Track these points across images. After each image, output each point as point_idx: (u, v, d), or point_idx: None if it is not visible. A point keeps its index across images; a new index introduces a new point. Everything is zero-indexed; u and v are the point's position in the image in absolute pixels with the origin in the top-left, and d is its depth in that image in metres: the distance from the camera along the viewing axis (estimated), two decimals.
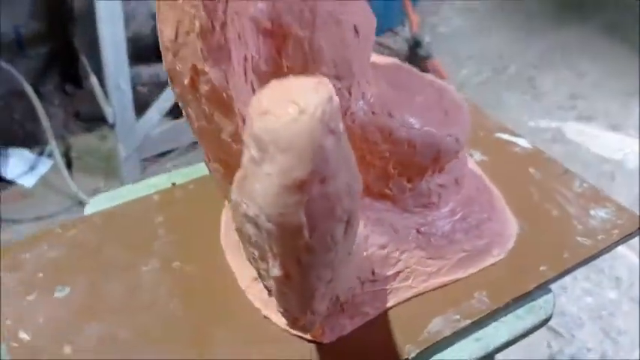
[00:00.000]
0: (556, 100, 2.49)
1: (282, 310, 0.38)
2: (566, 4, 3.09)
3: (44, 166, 2.00)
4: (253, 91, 0.48)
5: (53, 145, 1.93)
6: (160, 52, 0.48)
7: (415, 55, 2.51)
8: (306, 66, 0.48)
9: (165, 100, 1.87)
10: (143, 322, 0.58)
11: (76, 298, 0.60)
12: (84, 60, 2.03)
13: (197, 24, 0.42)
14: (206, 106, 0.46)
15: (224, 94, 0.45)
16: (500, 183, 0.72)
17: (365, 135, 0.52)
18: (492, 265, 0.64)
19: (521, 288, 0.62)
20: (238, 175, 0.33)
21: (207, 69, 0.44)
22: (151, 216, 0.69)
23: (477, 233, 0.63)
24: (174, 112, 1.99)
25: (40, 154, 2.03)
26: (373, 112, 0.52)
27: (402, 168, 0.55)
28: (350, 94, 0.51)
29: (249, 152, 0.30)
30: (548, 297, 0.64)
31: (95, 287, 0.61)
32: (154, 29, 2.27)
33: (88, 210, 0.72)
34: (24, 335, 0.56)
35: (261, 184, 0.30)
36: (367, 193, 0.56)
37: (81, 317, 0.58)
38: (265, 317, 0.58)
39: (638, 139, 2.29)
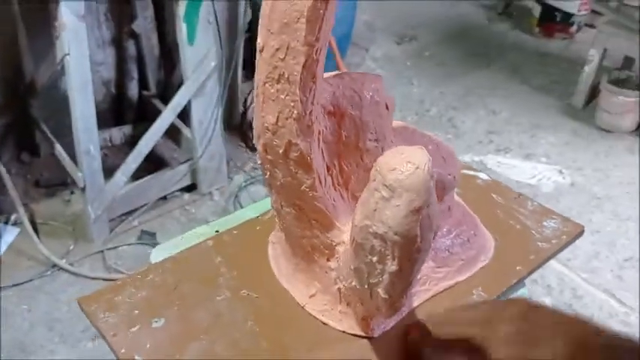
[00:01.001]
0: (475, 137, 2.81)
1: (386, 297, 0.56)
2: (474, 52, 3.48)
3: (11, 234, 2.05)
4: (322, 154, 0.67)
5: (21, 213, 1.99)
6: (114, 117, 0.64)
7: None
8: (358, 135, 0.68)
9: (131, 162, 2.00)
10: (231, 338, 0.74)
11: (172, 326, 0.75)
12: (45, 129, 2.12)
13: (295, 112, 0.61)
14: (293, 167, 0.65)
15: (308, 158, 0.64)
16: (474, 207, 0.94)
17: None
18: (481, 268, 0.85)
19: (506, 283, 0.83)
20: (366, 210, 0.51)
21: (299, 142, 0.63)
22: (211, 257, 0.85)
23: (468, 246, 0.83)
24: (135, 174, 2.10)
25: (6, 222, 2.08)
26: None
27: None
28: (382, 150, 0.71)
29: (380, 194, 0.49)
30: (524, 289, 0.85)
31: (185, 316, 0.76)
32: (106, 97, 2.40)
33: (153, 258, 0.86)
34: (139, 358, 0.71)
35: (391, 211, 0.49)
36: None
37: (181, 340, 0.73)
38: (324, 324, 0.76)
39: (549, 166, 2.64)
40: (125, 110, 2.48)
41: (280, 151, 0.64)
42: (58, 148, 2.04)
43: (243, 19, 2.33)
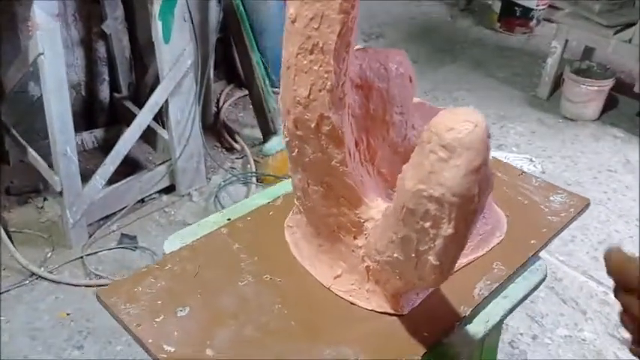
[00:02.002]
0: None
1: (437, 263, 0.56)
2: (439, 48, 3.53)
3: None
4: (351, 128, 0.66)
5: None
6: (85, 120, 0.61)
7: None
8: (385, 108, 0.68)
9: (109, 164, 1.95)
10: (260, 321, 0.72)
11: (198, 313, 0.73)
12: (15, 134, 2.05)
13: (328, 83, 0.60)
14: (324, 141, 0.64)
15: (339, 132, 0.64)
16: None
17: None
18: (498, 244, 0.86)
19: (523, 257, 0.84)
20: (420, 173, 0.51)
21: (331, 115, 0.62)
22: (228, 244, 0.83)
23: (484, 222, 0.84)
24: (109, 178, 2.04)
25: None
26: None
27: None
28: (407, 124, 0.71)
29: (436, 155, 0.49)
30: (541, 262, 0.86)
31: (209, 303, 0.74)
32: (76, 100, 2.34)
33: (167, 247, 0.84)
34: (168, 347, 0.69)
35: (449, 172, 0.49)
36: None
37: (209, 327, 0.71)
38: (352, 304, 0.75)
39: (519, 155, 2.70)
40: (96, 113, 2.41)
41: (312, 126, 0.63)
42: (32, 153, 1.97)
43: (217, 17, 2.30)
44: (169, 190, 2.25)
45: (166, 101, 2.02)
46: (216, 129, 2.61)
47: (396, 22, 3.77)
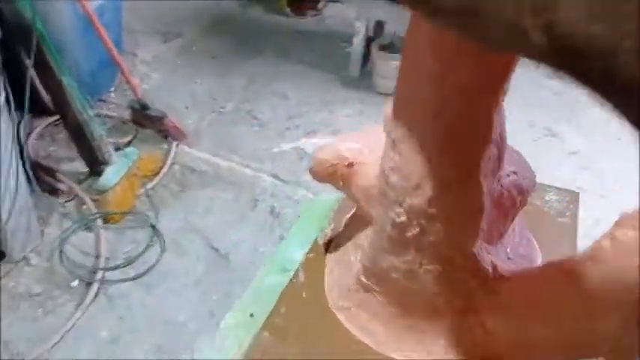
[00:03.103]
0: (281, 125, 2.76)
1: None
2: (240, 40, 3.38)
3: None
4: None
5: None
6: None
7: (147, 117, 2.47)
8: (500, 149, 0.56)
9: None
10: None
11: None
12: None
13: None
14: None
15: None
16: None
17: (508, 192, 0.63)
18: None
19: None
20: None
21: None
22: (285, 354, 0.65)
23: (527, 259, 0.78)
24: None
25: None
26: (508, 175, 0.63)
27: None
28: (499, 162, 0.61)
29: None
30: None
31: None
32: None
33: None
34: None
35: None
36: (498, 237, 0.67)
37: None
38: None
39: None
40: None
41: None
42: None
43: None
44: None
45: None
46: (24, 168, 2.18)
47: (188, 17, 3.53)
